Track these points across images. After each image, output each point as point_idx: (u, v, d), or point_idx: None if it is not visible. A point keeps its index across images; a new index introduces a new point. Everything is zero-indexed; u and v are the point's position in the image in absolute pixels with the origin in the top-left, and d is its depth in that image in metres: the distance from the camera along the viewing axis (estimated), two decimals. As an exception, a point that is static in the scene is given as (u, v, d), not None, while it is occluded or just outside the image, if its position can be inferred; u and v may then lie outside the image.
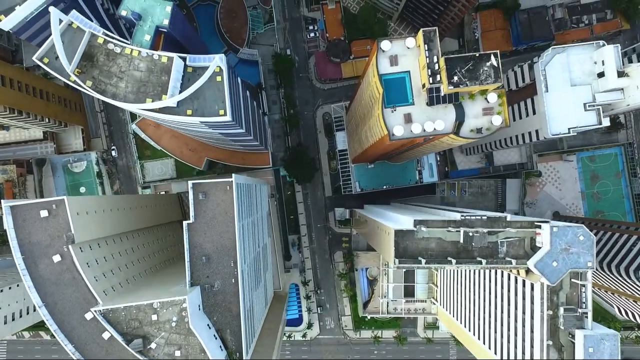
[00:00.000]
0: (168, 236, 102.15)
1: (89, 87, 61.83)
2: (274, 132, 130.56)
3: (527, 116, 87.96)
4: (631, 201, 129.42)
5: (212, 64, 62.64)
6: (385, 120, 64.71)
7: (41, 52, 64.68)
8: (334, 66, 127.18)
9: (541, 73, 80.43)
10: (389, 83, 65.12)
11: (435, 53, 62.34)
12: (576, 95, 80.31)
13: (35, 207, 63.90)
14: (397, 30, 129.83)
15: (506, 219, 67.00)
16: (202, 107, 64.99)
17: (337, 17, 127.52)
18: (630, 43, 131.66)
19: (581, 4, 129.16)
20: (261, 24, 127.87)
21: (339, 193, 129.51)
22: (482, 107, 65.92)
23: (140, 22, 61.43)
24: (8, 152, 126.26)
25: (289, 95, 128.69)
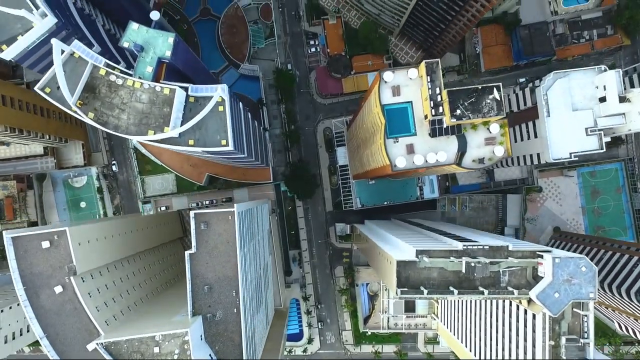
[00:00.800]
0: (169, 255, 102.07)
1: (91, 118, 61.69)
2: (275, 146, 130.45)
3: (529, 139, 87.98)
4: (632, 216, 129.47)
5: (215, 96, 62.55)
6: (387, 151, 64.67)
7: (43, 82, 64.50)
8: (335, 81, 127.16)
9: (543, 98, 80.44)
10: (391, 113, 65.07)
11: (438, 85, 62.28)
12: (578, 120, 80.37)
13: (37, 237, 63.81)
14: (398, 45, 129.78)
15: (508, 249, 66.95)
16: (204, 137, 64.85)
17: (338, 33, 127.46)
18: (631, 58, 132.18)
19: (582, 20, 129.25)
20: (262, 38, 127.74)
21: (339, 208, 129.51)
22: (484, 137, 65.88)
23: (142, 53, 61.28)
24: (8, 167, 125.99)
25: (290, 110, 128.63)
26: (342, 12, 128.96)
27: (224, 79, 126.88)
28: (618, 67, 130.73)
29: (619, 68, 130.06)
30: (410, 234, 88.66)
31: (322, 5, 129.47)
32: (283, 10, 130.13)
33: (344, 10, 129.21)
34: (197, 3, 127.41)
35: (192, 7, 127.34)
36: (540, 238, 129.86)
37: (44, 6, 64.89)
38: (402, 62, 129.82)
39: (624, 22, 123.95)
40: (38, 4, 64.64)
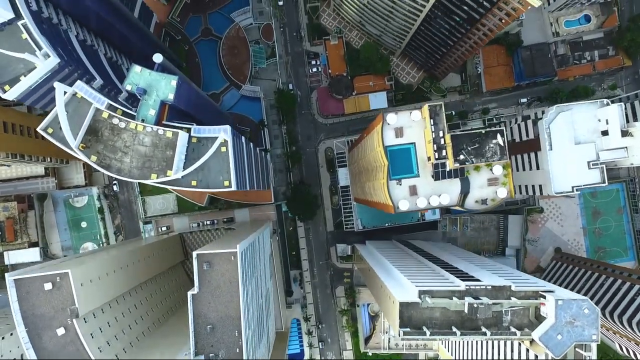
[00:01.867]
0: (171, 281, 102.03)
1: (93, 161, 61.61)
2: (276, 166, 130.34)
3: (531, 169, 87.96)
4: (633, 237, 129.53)
5: (218, 138, 62.41)
6: (390, 192, 64.63)
7: (45, 123, 64.60)
8: (336, 102, 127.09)
9: (545, 131, 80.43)
10: (394, 154, 65.04)
11: (441, 128, 62.24)
12: (580, 153, 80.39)
13: (39, 279, 63.74)
14: (400, 65, 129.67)
15: (510, 289, 66.92)
16: (207, 178, 64.79)
17: (339, 53, 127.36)
18: (632, 79, 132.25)
19: (583, 40, 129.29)
20: (263, 59, 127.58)
21: (340, 228, 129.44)
22: (487, 177, 65.83)
23: (145, 96, 61.14)
24: (9, 187, 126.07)
25: (291, 130, 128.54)
26: (344, 32, 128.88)
27: (225, 100, 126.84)
28: (619, 87, 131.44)
29: (619, 88, 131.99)
30: (411, 264, 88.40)
31: (323, 26, 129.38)
32: (284, 30, 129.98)
33: (346, 30, 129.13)
34: (198, 23, 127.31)
35: (194, 27, 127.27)
36: (541, 259, 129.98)
37: (47, 47, 64.71)
38: (404, 82, 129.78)
39: (625, 44, 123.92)
40: (41, 44, 64.46)
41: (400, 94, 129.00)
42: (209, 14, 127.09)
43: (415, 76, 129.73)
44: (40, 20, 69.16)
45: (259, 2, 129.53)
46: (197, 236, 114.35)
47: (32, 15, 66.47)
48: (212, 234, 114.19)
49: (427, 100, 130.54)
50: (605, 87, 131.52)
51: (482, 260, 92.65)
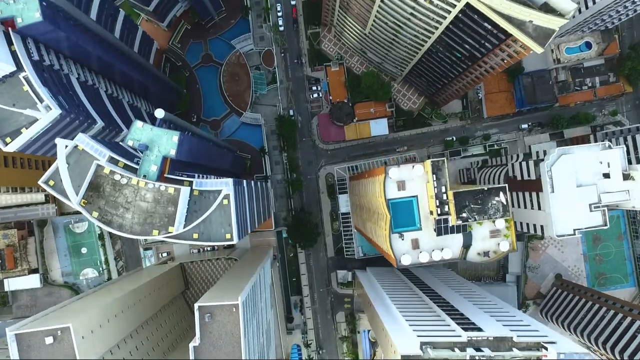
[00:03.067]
0: (172, 314, 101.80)
1: (95, 217, 61.45)
2: (277, 192, 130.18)
3: (532, 209, 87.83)
4: (633, 263, 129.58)
5: (220, 195, 62.29)
6: (392, 245, 64.58)
7: (47, 176, 64.36)
8: (337, 129, 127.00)
9: (547, 174, 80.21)
10: (396, 206, 64.96)
11: (444, 183, 62.12)
12: (582, 196, 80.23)
13: (41, 334, 63.47)
14: (401, 91, 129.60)
15: (512, 340, 66.88)
16: (208, 231, 64.65)
17: (340, 80, 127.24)
18: (633, 104, 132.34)
19: (584, 67, 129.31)
20: (264, 85, 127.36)
21: (341, 254, 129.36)
22: (489, 229, 65.79)
23: (147, 152, 60.99)
24: (9, 214, 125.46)
25: (292, 157, 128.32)
26: (345, 57, 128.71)
27: (225, 126, 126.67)
28: (620, 113, 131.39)
29: (620, 114, 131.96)
30: (412, 302, 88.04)
31: (324, 51, 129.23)
32: (285, 55, 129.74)
33: (347, 55, 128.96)
34: (199, 49, 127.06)
35: (194, 53, 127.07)
36: (541, 285, 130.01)
37: (48, 99, 64.55)
38: (405, 108, 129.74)
39: (626, 72, 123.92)
40: (42, 97, 64.28)
41: (401, 120, 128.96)
42: (210, 40, 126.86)
43: (417, 102, 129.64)
44: (42, 68, 69.01)
45: (260, 28, 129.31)
46: (197, 266, 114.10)
47: (34, 65, 66.29)
48: (213, 264, 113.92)
49: (428, 126, 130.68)
50: (605, 112, 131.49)
51: (483, 296, 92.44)
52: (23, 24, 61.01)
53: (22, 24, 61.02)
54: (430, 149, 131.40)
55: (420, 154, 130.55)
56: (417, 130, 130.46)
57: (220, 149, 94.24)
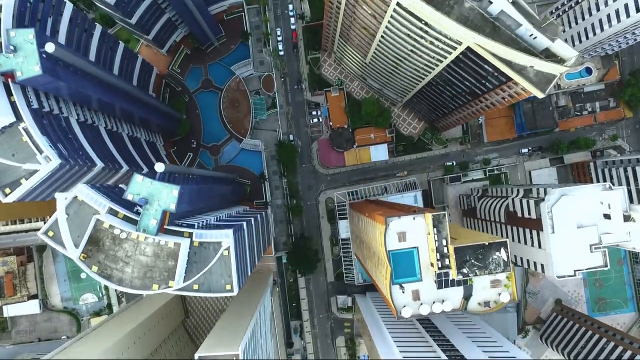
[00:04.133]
0: (173, 345, 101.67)
1: (94, 272, 61.27)
2: (277, 217, 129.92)
3: (532, 246, 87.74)
4: (633, 289, 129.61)
5: (221, 249, 62.12)
6: (393, 297, 64.48)
7: (46, 227, 64.30)
8: (337, 154, 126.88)
9: (548, 215, 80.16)
10: (397, 257, 64.81)
11: (444, 236, 61.99)
12: (582, 237, 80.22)
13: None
14: (401, 115, 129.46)
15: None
16: (209, 282, 64.49)
17: (340, 105, 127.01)
18: (633, 128, 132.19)
19: (584, 92, 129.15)
20: (264, 110, 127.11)
21: (341, 279, 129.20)
22: (490, 279, 65.64)
23: (146, 206, 60.78)
24: (8, 240, 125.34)
25: (292, 182, 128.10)
26: (345, 82, 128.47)
27: (225, 151, 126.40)
28: (620, 137, 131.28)
29: (620, 138, 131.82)
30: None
31: (324, 76, 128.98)
32: (285, 80, 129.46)
33: (347, 80, 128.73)
34: (199, 74, 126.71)
35: (194, 79, 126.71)
36: (541, 310, 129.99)
37: (47, 149, 64.31)
38: (405, 133, 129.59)
39: (626, 99, 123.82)
40: (42, 147, 64.06)
41: (401, 145, 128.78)
42: (210, 65, 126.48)
43: (417, 127, 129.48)
44: (41, 115, 68.82)
45: (260, 52, 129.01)
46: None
47: (33, 114, 66.09)
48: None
49: (428, 150, 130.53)
50: (606, 137, 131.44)
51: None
52: (23, 77, 60.71)
53: (22, 78, 60.73)
54: (430, 174, 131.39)
55: (420, 178, 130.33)
56: (417, 155, 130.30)
57: (220, 185, 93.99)
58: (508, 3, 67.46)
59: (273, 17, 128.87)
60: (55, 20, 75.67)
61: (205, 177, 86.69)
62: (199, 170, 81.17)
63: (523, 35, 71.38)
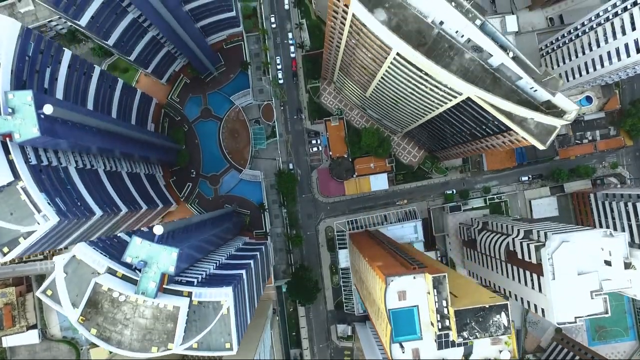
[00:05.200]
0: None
1: (93, 334, 60.97)
2: (276, 245, 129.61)
3: (533, 289, 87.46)
4: (633, 317, 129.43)
5: (221, 310, 61.84)
6: (392, 355, 64.23)
7: (45, 286, 64.28)
8: (337, 184, 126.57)
9: (548, 262, 79.85)
10: (397, 315, 64.53)
11: (445, 297, 61.72)
12: (583, 283, 79.82)
13: None
14: (401, 144, 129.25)
15: None
16: (208, 341, 64.29)
17: (340, 135, 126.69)
18: (633, 156, 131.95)
19: (585, 120, 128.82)
20: (263, 139, 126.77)
21: (341, 308, 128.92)
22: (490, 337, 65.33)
23: (145, 268, 60.47)
24: (7, 269, 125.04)
25: (292, 211, 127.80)
26: (345, 110, 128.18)
27: (225, 181, 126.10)
28: (620, 165, 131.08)
29: (621, 166, 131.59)
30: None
31: (324, 104, 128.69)
32: (285, 108, 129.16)
33: (347, 109, 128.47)
34: (198, 103, 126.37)
35: (193, 108, 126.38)
36: (542, 338, 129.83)
37: (46, 208, 63.92)
38: (405, 162, 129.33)
39: (627, 129, 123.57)
40: (40, 207, 63.66)
41: (401, 174, 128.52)
42: (209, 94, 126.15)
43: (417, 155, 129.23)
44: (39, 170, 68.40)
45: (259, 80, 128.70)
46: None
47: (31, 170, 65.67)
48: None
49: (428, 179, 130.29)
50: (606, 164, 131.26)
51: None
52: (21, 139, 60.37)
53: (20, 140, 60.39)
54: (430, 202, 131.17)
55: (420, 206, 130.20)
56: (417, 183, 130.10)
57: (220, 226, 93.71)
58: (508, 58, 67.15)
59: (272, 45, 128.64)
60: (54, 69, 75.39)
61: (205, 222, 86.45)
62: (198, 218, 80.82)
63: (524, 87, 71.20)
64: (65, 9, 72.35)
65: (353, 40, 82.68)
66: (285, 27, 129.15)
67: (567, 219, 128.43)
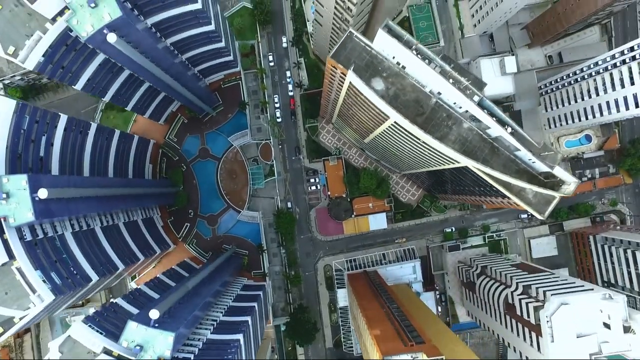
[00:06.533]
0: None
1: (89, 419, 60.59)
2: (275, 283, 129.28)
3: (531, 346, 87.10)
4: None
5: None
6: None
7: None
8: (336, 223, 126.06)
9: (547, 324, 79.55)
10: (394, 394, 64.11)
11: (443, 379, 61.29)
12: (582, 346, 79.55)
13: None
14: (399, 182, 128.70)
15: None
16: (205, 421, 63.88)
17: (338, 174, 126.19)
18: (633, 192, 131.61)
19: (584, 158, 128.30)
20: (262, 179, 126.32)
21: (340, 346, 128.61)
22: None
23: (141, 353, 60.05)
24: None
25: (290, 250, 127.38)
26: (343, 149, 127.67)
27: (223, 221, 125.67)
28: (620, 202, 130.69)
29: (620, 203, 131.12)
30: None
31: (322, 143, 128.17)
32: (283, 146, 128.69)
33: (345, 147, 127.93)
34: (196, 143, 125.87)
35: (191, 147, 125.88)
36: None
37: (41, 287, 63.56)
38: (404, 200, 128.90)
39: (626, 168, 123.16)
40: (35, 287, 63.34)
41: (399, 212, 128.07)
42: (207, 134, 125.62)
43: (415, 194, 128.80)
44: (34, 244, 67.98)
45: (257, 119, 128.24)
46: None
47: (26, 248, 65.25)
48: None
49: (427, 217, 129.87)
50: (605, 201, 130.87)
51: None
52: (16, 223, 59.95)
53: (15, 224, 59.96)
54: (429, 240, 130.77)
55: (418, 244, 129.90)
56: (415, 221, 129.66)
57: (219, 281, 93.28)
58: (507, 133, 66.70)
59: (271, 83, 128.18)
60: (49, 136, 75.02)
61: (203, 281, 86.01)
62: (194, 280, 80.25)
63: (522, 157, 70.77)
64: (62, 78, 71.87)
65: (350, 100, 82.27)
66: (283, 64, 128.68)
67: (567, 258, 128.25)
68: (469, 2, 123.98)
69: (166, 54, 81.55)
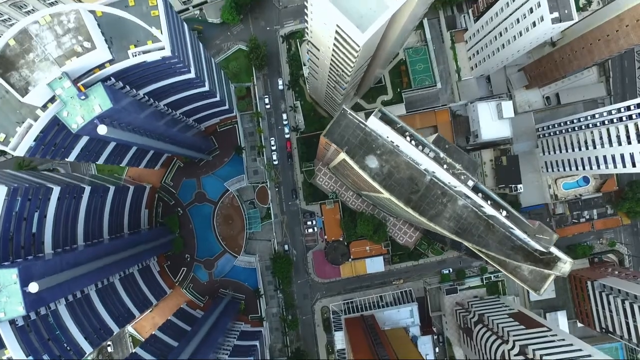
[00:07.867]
0: None
1: None
2: (272, 325, 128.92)
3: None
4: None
5: None
6: None
7: None
8: (333, 267, 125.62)
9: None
10: None
11: None
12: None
13: None
14: (397, 224, 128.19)
15: None
16: None
17: (335, 218, 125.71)
18: (631, 232, 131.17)
19: (582, 199, 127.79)
20: (258, 223, 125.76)
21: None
22: None
23: None
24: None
25: (287, 293, 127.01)
26: (340, 191, 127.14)
27: (219, 265, 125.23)
28: (618, 242, 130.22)
29: (618, 244, 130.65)
30: None
31: (319, 186, 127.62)
32: (279, 189, 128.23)
33: (342, 189, 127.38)
34: (192, 187, 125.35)
35: (187, 192, 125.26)
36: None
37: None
38: (401, 242, 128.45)
39: (624, 211, 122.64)
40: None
41: (397, 255, 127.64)
42: (203, 178, 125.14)
43: (413, 236, 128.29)
44: (27, 326, 67.51)
45: (254, 161, 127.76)
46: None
47: (18, 334, 64.84)
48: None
49: (424, 258, 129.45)
50: (603, 241, 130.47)
51: None
52: (6, 318, 59.58)
53: (5, 318, 59.59)
54: (426, 281, 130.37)
55: (416, 285, 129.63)
56: (413, 262, 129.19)
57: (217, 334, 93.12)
58: (501, 216, 66.22)
59: (267, 125, 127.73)
60: (42, 209, 74.60)
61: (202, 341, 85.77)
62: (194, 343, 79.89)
63: (518, 234, 70.28)
64: (53, 156, 71.45)
65: (346, 171, 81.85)
66: (279, 107, 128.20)
67: (565, 300, 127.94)
68: (466, 45, 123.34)
69: (158, 121, 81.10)
